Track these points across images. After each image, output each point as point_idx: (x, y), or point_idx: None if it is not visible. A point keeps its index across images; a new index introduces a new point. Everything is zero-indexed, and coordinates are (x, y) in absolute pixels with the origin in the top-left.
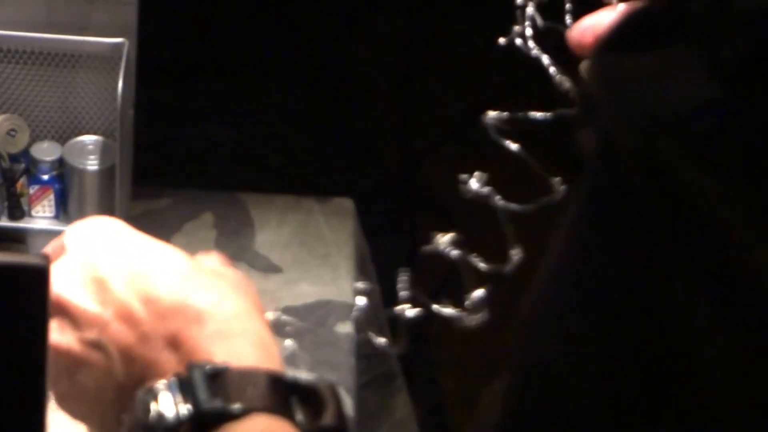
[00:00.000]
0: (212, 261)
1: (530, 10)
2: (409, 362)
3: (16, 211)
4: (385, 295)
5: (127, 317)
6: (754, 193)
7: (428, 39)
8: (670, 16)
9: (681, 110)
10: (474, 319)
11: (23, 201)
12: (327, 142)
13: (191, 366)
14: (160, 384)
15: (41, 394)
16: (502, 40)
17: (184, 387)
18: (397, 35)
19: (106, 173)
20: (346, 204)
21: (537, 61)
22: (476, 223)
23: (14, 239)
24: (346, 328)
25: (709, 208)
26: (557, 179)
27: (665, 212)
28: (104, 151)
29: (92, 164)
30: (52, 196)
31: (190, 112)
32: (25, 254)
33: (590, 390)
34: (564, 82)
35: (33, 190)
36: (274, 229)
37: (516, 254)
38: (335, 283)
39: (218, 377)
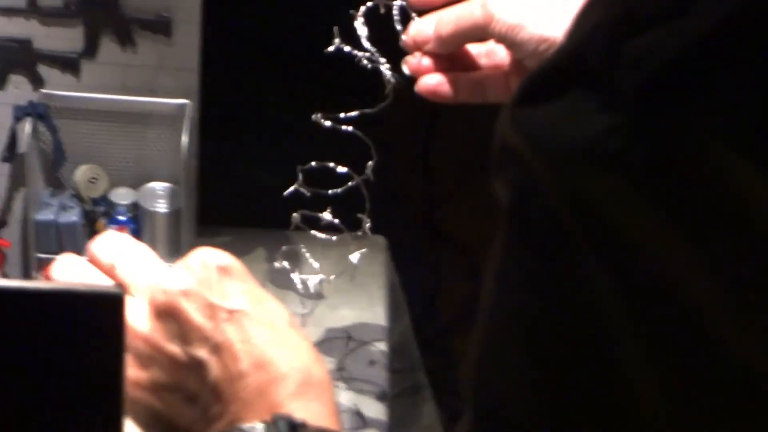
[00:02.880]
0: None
1: (358, 22)
2: (436, 376)
3: None
4: (413, 317)
5: (230, 351)
6: (657, 202)
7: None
8: (569, 67)
9: (588, 138)
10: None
11: None
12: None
13: (277, 417)
14: (251, 426)
15: (118, 425)
16: (329, 49)
17: None
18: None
19: (174, 215)
20: (380, 240)
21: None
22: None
23: None
24: (380, 346)
25: (621, 223)
26: None
27: (586, 238)
28: (172, 196)
29: (162, 207)
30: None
31: (249, 160)
32: (102, 284)
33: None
34: (390, 79)
35: (112, 229)
36: (318, 262)
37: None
38: (371, 308)
39: (298, 430)
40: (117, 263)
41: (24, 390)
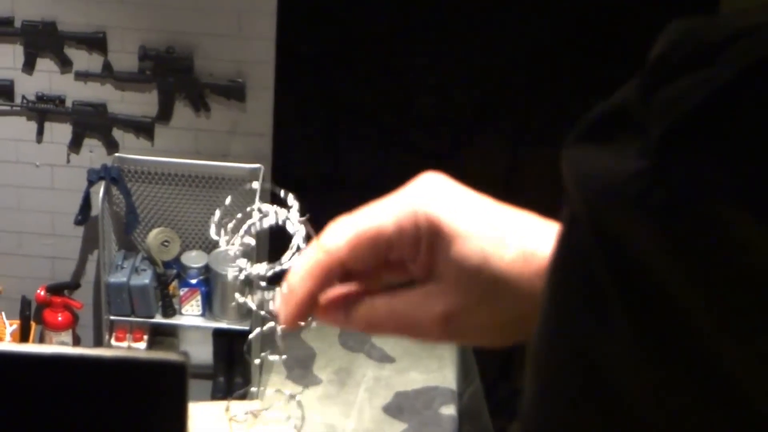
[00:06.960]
0: None
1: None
2: None
3: (169, 309)
4: (484, 381)
5: None
6: (670, 248)
7: (528, 161)
8: (617, 113)
9: (619, 180)
10: None
11: (175, 301)
12: None
13: None
14: None
15: None
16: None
17: None
18: (500, 155)
19: (245, 278)
20: None
21: None
22: None
23: (167, 333)
24: (449, 410)
25: (642, 266)
26: None
27: (610, 274)
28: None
29: (233, 270)
30: (199, 297)
31: (320, 222)
32: (166, 351)
33: None
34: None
35: (183, 291)
36: None
37: None
38: (440, 371)
39: None
40: None
41: None
